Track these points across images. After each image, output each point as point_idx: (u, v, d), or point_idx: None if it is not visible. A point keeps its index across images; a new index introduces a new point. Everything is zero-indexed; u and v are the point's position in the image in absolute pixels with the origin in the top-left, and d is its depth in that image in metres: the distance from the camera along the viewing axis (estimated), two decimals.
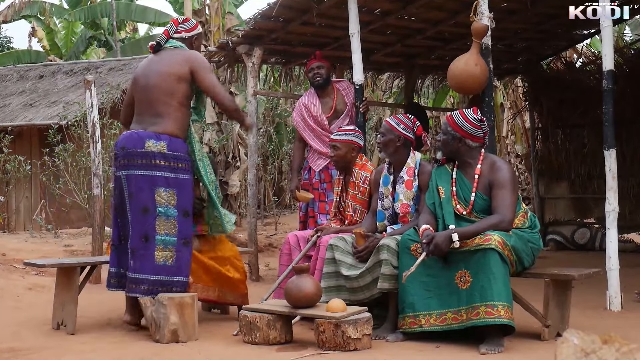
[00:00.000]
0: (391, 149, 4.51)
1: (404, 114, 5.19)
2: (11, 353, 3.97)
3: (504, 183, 4.03)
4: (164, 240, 4.33)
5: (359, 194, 4.83)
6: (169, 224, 4.35)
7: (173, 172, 4.38)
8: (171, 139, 4.38)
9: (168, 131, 4.40)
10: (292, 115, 6.59)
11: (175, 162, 4.39)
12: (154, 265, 4.30)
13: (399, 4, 6.62)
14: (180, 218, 4.38)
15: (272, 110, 14.59)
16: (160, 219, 4.34)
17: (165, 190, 4.35)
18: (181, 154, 4.41)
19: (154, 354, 3.90)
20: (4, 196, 11.13)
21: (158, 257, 4.31)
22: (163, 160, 4.36)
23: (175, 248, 4.35)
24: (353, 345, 3.81)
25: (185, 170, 4.43)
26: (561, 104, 9.34)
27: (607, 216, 5.07)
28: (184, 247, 4.39)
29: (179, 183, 4.39)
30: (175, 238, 4.35)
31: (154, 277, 4.30)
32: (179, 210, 4.37)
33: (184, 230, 4.39)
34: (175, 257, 4.35)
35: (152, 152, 4.34)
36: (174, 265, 4.34)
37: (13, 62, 17.33)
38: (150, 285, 4.29)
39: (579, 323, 4.25)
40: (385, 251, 4.17)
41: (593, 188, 9.03)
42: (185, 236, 4.40)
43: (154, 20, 17.19)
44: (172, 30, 4.63)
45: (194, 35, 4.68)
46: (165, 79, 4.44)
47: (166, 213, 4.35)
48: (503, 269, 3.84)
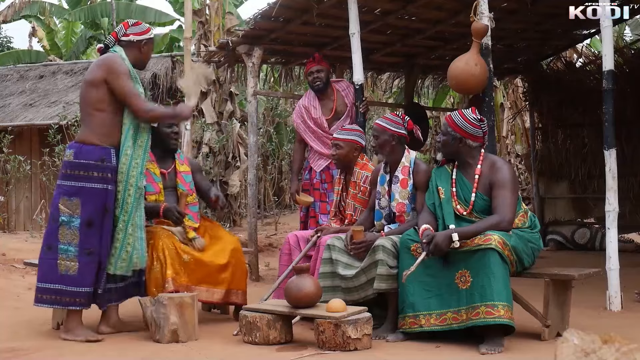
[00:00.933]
0: (387, 149, 4.51)
1: (391, 112, 5.18)
2: (11, 353, 3.97)
3: (504, 183, 4.03)
4: (66, 250, 4.22)
5: (359, 193, 4.83)
6: (71, 233, 4.22)
7: (79, 180, 4.23)
8: (81, 147, 4.26)
9: (80, 139, 4.31)
10: (292, 116, 6.59)
11: (82, 171, 4.24)
12: (58, 275, 4.21)
13: (399, 4, 6.62)
14: (83, 228, 4.22)
15: (272, 110, 14.58)
16: (63, 227, 4.23)
17: (69, 199, 4.23)
18: (92, 162, 4.23)
19: (154, 353, 3.90)
20: (4, 196, 11.13)
21: (61, 267, 4.22)
22: (69, 169, 4.26)
23: (77, 258, 4.21)
24: (353, 345, 3.81)
25: (95, 178, 4.25)
26: (561, 104, 9.34)
27: (607, 216, 5.07)
28: (87, 257, 4.22)
29: (84, 192, 4.23)
30: (77, 248, 4.21)
31: (58, 287, 4.21)
32: (82, 220, 4.22)
33: (86, 241, 4.23)
34: (78, 267, 4.21)
35: (64, 161, 4.33)
36: (76, 276, 4.20)
37: (13, 62, 17.32)
38: (55, 295, 4.21)
39: (579, 323, 4.25)
40: (381, 251, 4.17)
41: (593, 188, 9.02)
42: (88, 246, 4.23)
43: (154, 20, 17.16)
44: (120, 32, 4.49)
45: (143, 39, 4.50)
46: (83, 86, 4.39)
47: (69, 222, 4.23)
48: (503, 269, 3.84)
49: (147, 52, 4.55)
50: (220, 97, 11.81)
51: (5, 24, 20.24)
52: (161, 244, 4.56)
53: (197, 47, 11.32)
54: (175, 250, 4.59)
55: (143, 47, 4.51)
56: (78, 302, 4.23)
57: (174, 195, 4.90)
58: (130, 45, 4.47)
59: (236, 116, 12.10)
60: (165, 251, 4.55)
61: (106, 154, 4.27)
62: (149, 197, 4.74)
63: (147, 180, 4.75)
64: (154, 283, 4.52)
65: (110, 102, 4.30)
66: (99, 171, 4.25)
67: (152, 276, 4.53)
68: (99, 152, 4.26)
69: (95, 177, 4.25)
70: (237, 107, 12.22)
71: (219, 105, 11.81)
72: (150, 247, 4.58)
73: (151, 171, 4.80)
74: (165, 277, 4.50)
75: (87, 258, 4.23)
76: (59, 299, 4.23)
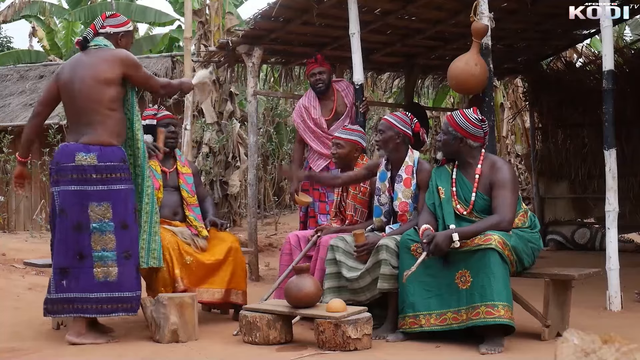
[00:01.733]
0: (391, 146, 4.51)
1: (401, 111, 5.20)
2: (11, 353, 3.97)
3: (504, 183, 4.03)
4: (101, 257, 4.13)
5: (359, 193, 4.83)
6: (105, 238, 4.14)
7: (106, 184, 4.16)
8: (102, 148, 4.18)
9: (99, 141, 4.19)
10: (292, 116, 6.60)
11: (109, 173, 4.17)
12: (94, 283, 4.12)
13: (399, 4, 6.62)
14: (118, 231, 4.16)
15: (272, 110, 14.59)
16: (95, 235, 4.13)
17: (98, 204, 4.14)
18: (115, 163, 4.19)
19: (154, 353, 3.90)
20: (4, 196, 11.13)
21: (98, 274, 4.13)
22: (94, 173, 4.15)
23: (116, 263, 4.15)
24: (353, 345, 3.81)
25: (121, 179, 4.21)
26: (561, 104, 9.34)
27: (607, 216, 5.07)
28: (126, 260, 4.17)
29: (113, 195, 4.17)
30: (114, 252, 4.14)
31: (96, 295, 4.12)
32: (115, 223, 4.16)
33: (123, 243, 4.17)
34: (117, 272, 4.14)
35: (83, 165, 4.15)
36: (116, 281, 4.14)
37: (13, 62, 17.32)
38: (94, 304, 4.12)
39: (579, 323, 4.25)
40: (384, 251, 4.17)
41: (593, 188, 9.02)
42: (125, 249, 4.18)
43: (154, 20, 17.16)
44: (98, 24, 4.39)
45: (120, 32, 4.42)
46: (91, 85, 4.21)
47: (101, 228, 4.14)
48: (503, 269, 3.84)
49: (125, 45, 4.46)
50: (220, 97, 11.81)
51: (5, 24, 20.24)
52: (166, 244, 4.55)
53: (197, 47, 11.32)
54: (178, 251, 4.59)
55: (121, 40, 4.44)
56: (122, 308, 4.16)
57: (173, 194, 4.90)
58: (108, 38, 4.39)
59: (236, 116, 12.11)
60: (170, 251, 4.55)
61: (124, 154, 4.27)
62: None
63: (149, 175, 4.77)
64: (161, 282, 4.51)
65: (121, 100, 4.29)
66: (122, 172, 4.22)
67: (160, 276, 4.52)
68: (120, 153, 4.24)
69: (121, 178, 4.21)
70: (237, 107, 12.22)
71: (219, 105, 11.81)
72: None
73: (152, 168, 4.81)
74: (174, 276, 4.50)
75: (125, 261, 4.18)
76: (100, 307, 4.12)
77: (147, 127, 4.88)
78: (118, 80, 4.24)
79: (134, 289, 4.21)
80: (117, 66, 4.24)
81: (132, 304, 4.20)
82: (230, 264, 4.78)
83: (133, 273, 4.22)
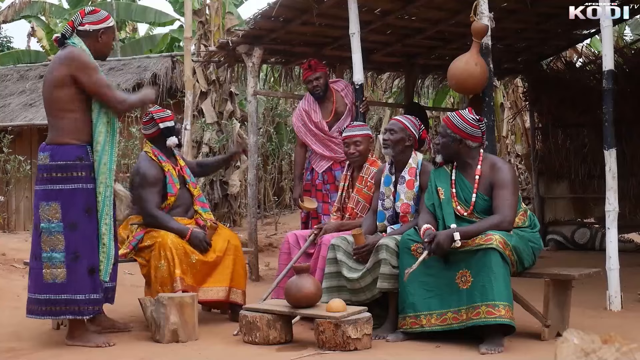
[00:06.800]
0: (400, 147, 4.51)
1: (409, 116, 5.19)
2: (11, 353, 3.97)
3: (505, 183, 4.03)
4: (50, 257, 4.02)
5: (365, 187, 4.85)
6: (53, 239, 4.02)
7: (55, 183, 4.04)
8: (56, 147, 4.05)
9: (53, 141, 4.08)
10: (293, 119, 6.59)
11: (60, 172, 4.03)
12: (43, 284, 4.02)
13: (399, 4, 6.62)
14: (67, 232, 4.02)
15: (272, 110, 14.57)
16: (44, 235, 4.04)
17: (47, 204, 4.04)
18: (69, 162, 4.03)
19: (154, 353, 3.90)
20: (4, 196, 11.12)
21: (46, 275, 4.01)
22: (46, 173, 4.06)
23: (64, 264, 4.01)
24: (353, 345, 3.82)
25: (74, 178, 4.05)
26: (561, 104, 9.33)
27: (607, 216, 5.07)
28: (73, 262, 4.01)
29: (62, 194, 4.03)
30: (62, 253, 4.01)
31: (45, 297, 4.02)
32: (64, 224, 4.02)
33: (72, 245, 4.02)
34: (66, 274, 4.00)
35: (39, 165, 4.11)
36: (64, 283, 4.00)
37: (13, 62, 17.30)
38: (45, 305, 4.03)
39: (579, 323, 4.25)
40: (384, 251, 4.18)
41: (593, 188, 9.01)
42: (74, 251, 4.02)
43: (154, 20, 17.16)
44: (77, 21, 4.17)
45: (100, 28, 4.18)
46: (47, 86, 4.12)
47: (49, 228, 4.02)
48: (504, 269, 3.84)
49: (106, 42, 4.25)
50: (220, 97, 11.81)
51: (5, 24, 20.22)
52: (169, 243, 4.55)
53: (197, 47, 11.32)
54: (183, 250, 4.59)
55: (101, 37, 4.21)
56: (69, 310, 4.02)
57: (185, 192, 4.92)
58: (87, 35, 4.17)
59: (236, 116, 12.10)
60: (173, 250, 4.54)
61: (83, 152, 4.09)
62: (170, 198, 4.76)
63: (168, 182, 4.75)
64: (159, 281, 4.51)
65: (80, 100, 4.08)
66: (77, 170, 4.06)
67: (159, 274, 4.51)
68: (76, 151, 4.07)
69: (74, 177, 4.05)
70: (237, 107, 12.22)
71: (219, 105, 11.81)
72: (157, 244, 4.58)
73: (170, 172, 4.80)
74: (173, 276, 4.49)
75: (75, 263, 4.03)
76: (49, 309, 4.03)
77: (167, 129, 4.84)
78: (67, 81, 4.04)
79: (86, 292, 4.04)
80: (64, 67, 4.06)
81: (81, 307, 4.02)
82: (230, 260, 4.77)
83: (84, 275, 4.04)
